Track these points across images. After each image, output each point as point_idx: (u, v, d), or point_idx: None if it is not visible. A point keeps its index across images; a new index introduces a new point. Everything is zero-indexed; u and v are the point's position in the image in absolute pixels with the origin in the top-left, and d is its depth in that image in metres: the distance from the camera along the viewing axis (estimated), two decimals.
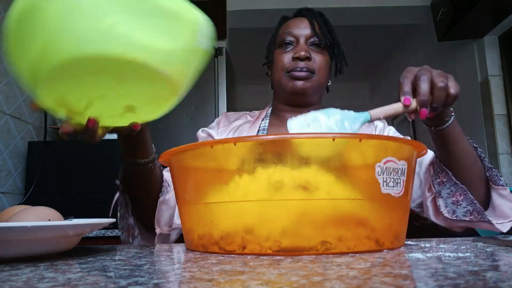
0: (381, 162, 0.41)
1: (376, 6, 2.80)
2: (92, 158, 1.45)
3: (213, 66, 2.22)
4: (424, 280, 0.25)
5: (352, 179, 0.41)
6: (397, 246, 0.45)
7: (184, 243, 0.53)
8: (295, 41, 0.86)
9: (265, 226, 0.40)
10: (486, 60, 2.41)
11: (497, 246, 0.45)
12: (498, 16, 2.20)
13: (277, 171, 0.40)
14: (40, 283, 0.27)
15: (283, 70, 0.85)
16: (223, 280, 0.26)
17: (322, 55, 0.86)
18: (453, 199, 0.69)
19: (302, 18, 0.88)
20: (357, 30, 3.47)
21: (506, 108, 2.35)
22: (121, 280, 0.27)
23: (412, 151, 0.46)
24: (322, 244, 0.39)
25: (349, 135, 0.42)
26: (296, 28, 0.87)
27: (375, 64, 4.39)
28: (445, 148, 0.67)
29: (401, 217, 0.45)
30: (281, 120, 0.92)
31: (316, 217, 0.39)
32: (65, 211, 0.60)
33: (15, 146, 1.49)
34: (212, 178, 0.44)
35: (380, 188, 0.41)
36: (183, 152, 0.46)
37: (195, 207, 0.45)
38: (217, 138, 0.86)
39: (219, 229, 0.42)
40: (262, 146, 0.41)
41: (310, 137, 0.41)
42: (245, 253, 0.41)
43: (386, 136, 0.44)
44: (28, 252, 0.40)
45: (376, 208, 0.41)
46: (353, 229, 0.40)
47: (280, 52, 0.87)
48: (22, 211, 0.47)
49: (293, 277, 0.27)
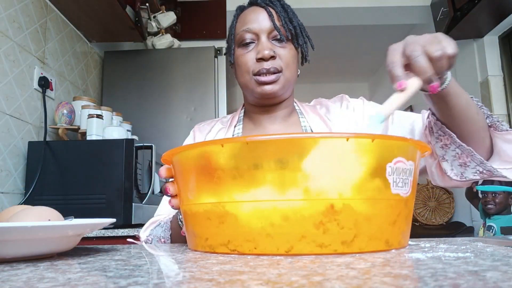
0: (392, 162, 0.41)
1: (376, 6, 2.80)
2: (92, 158, 1.45)
3: (213, 66, 2.22)
4: (424, 280, 0.25)
5: (364, 179, 0.40)
6: (403, 245, 0.45)
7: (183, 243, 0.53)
8: (256, 38, 0.79)
9: (276, 227, 0.39)
10: (486, 60, 2.41)
11: (497, 246, 0.45)
12: (498, 16, 2.20)
13: (287, 171, 0.39)
14: (40, 283, 0.27)
15: (248, 73, 0.79)
16: (223, 280, 0.26)
17: (288, 49, 0.80)
18: (459, 161, 0.65)
19: (259, 9, 0.81)
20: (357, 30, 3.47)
21: (506, 108, 2.35)
22: (121, 280, 0.27)
23: (417, 152, 0.46)
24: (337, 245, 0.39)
25: (362, 135, 0.41)
26: (254, 22, 0.79)
27: (375, 64, 4.39)
28: (448, 106, 0.62)
29: (407, 217, 0.45)
30: (255, 123, 0.88)
31: (330, 218, 0.39)
32: (65, 211, 0.60)
33: (15, 146, 1.49)
34: (218, 178, 0.43)
35: (391, 189, 0.41)
36: (186, 152, 0.46)
37: (198, 207, 0.45)
38: None
39: (225, 230, 0.42)
40: (273, 145, 0.40)
41: (324, 137, 0.40)
42: (254, 253, 0.40)
43: (397, 137, 0.44)
44: (28, 252, 0.40)
45: (385, 208, 0.41)
46: (364, 230, 0.40)
47: (241, 52, 0.80)
48: (22, 211, 0.47)
49: (293, 277, 0.27)
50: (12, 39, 1.50)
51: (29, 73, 1.59)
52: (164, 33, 2.37)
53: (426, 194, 3.18)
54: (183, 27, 2.66)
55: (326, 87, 4.89)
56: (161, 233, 0.76)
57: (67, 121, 1.68)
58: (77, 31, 2.04)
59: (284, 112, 0.87)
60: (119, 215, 1.39)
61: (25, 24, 1.58)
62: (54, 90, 1.76)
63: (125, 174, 1.42)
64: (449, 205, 3.09)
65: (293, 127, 0.86)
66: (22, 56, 1.55)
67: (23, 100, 1.54)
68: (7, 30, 1.47)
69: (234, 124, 0.90)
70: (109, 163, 1.43)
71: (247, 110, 0.91)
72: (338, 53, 4.07)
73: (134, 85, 2.20)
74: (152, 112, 2.17)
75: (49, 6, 1.77)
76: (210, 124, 0.93)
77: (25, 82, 1.56)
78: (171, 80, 2.20)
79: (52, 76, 1.75)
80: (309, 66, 0.89)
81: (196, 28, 2.65)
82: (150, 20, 2.31)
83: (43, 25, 1.72)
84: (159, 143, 1.84)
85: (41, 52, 1.69)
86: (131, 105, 2.17)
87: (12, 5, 1.50)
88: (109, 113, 1.75)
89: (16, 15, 1.52)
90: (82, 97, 1.81)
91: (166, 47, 2.34)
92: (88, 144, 1.52)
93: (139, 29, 2.08)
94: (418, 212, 3.15)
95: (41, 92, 1.65)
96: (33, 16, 1.64)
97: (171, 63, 2.22)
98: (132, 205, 1.42)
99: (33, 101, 1.61)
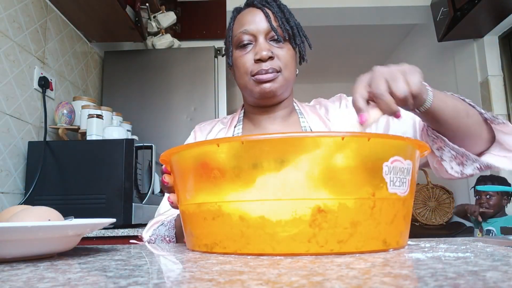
0: (389, 161, 0.41)
1: (376, 6, 2.80)
2: (92, 158, 1.45)
3: (213, 66, 2.22)
4: (424, 280, 0.25)
5: (360, 178, 0.40)
6: (402, 245, 0.45)
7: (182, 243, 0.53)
8: (253, 40, 0.80)
9: (271, 227, 0.39)
10: (486, 60, 2.41)
11: (497, 246, 0.45)
12: (498, 16, 2.20)
13: (282, 171, 0.39)
14: (40, 283, 0.27)
15: (247, 74, 0.80)
16: (223, 280, 0.26)
17: (286, 49, 0.80)
18: (456, 161, 0.67)
19: (256, 10, 0.81)
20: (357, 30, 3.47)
21: (506, 108, 2.35)
22: (121, 280, 0.27)
23: (415, 151, 0.46)
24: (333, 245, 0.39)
25: (358, 134, 0.41)
26: (251, 24, 0.80)
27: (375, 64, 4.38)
28: (434, 120, 0.63)
29: (405, 217, 0.45)
30: (255, 124, 0.89)
31: (326, 217, 0.39)
32: (65, 211, 0.60)
33: (15, 146, 1.49)
34: (215, 177, 0.43)
35: (387, 188, 0.41)
36: (183, 151, 0.46)
37: (195, 207, 0.45)
38: None
39: (221, 229, 0.42)
40: (269, 144, 0.40)
41: (320, 136, 0.40)
42: (249, 253, 0.40)
43: (393, 136, 0.44)
44: (28, 252, 0.40)
45: (382, 207, 0.41)
46: (361, 229, 0.40)
47: (239, 54, 0.81)
48: (22, 211, 0.47)
49: (293, 277, 0.27)
50: (12, 39, 1.50)
51: (29, 73, 1.59)
52: (164, 33, 2.37)
53: (426, 194, 3.18)
54: (183, 27, 2.66)
55: (326, 87, 4.89)
56: (165, 232, 0.76)
57: (67, 121, 1.68)
58: (77, 31, 2.04)
59: (283, 112, 0.87)
60: (119, 215, 1.39)
61: (25, 24, 1.58)
62: (54, 90, 1.76)
63: (125, 174, 1.42)
64: (449, 205, 3.09)
65: (293, 127, 0.86)
66: (22, 56, 1.55)
67: (23, 100, 1.54)
68: (7, 30, 1.47)
69: (234, 125, 0.90)
70: (109, 163, 1.43)
71: (246, 111, 0.91)
72: (338, 53, 4.08)
73: (134, 85, 2.20)
74: (152, 112, 2.17)
75: (49, 6, 1.77)
76: (211, 124, 0.93)
77: (25, 82, 1.56)
78: (171, 80, 2.20)
79: (52, 76, 1.75)
80: (309, 66, 0.89)
81: (196, 28, 2.65)
82: (150, 20, 2.31)
83: (43, 25, 1.72)
84: (159, 143, 1.84)
85: (41, 52, 1.69)
86: (131, 105, 2.17)
87: (12, 5, 1.50)
88: (109, 113, 1.75)
89: (16, 15, 1.52)
90: (82, 97, 1.81)
91: (166, 47, 2.34)
92: (88, 144, 1.52)
93: (139, 29, 2.08)
94: (418, 212, 3.15)
95: (41, 92, 1.65)
96: (33, 16, 1.64)
97: (171, 63, 2.22)
98: (132, 205, 1.42)
99: (33, 101, 1.61)
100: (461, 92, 2.68)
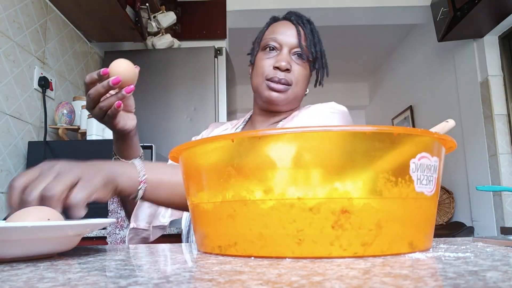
0: (416, 158, 0.38)
1: (376, 6, 2.80)
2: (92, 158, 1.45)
3: (213, 66, 2.22)
4: (424, 280, 0.25)
5: (386, 176, 0.37)
6: (427, 248, 0.42)
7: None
8: (279, 48, 0.85)
9: (288, 228, 0.36)
10: (486, 60, 2.41)
11: (497, 246, 0.45)
12: (498, 16, 2.20)
13: (301, 168, 0.36)
14: (40, 283, 0.27)
15: (262, 77, 0.85)
16: (223, 280, 0.26)
17: (303, 68, 0.86)
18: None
19: (290, 25, 0.87)
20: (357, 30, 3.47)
21: (506, 108, 2.35)
22: (121, 280, 0.27)
23: (442, 147, 0.43)
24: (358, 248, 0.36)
25: (386, 128, 0.37)
26: (282, 34, 0.86)
27: (375, 64, 4.39)
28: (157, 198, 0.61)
29: (431, 217, 0.42)
30: (255, 127, 0.92)
31: (350, 218, 0.36)
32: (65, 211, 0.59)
33: (15, 146, 1.49)
34: (229, 175, 0.39)
35: (414, 187, 0.38)
36: (196, 147, 0.42)
37: (212, 206, 0.41)
38: None
39: (239, 230, 0.39)
40: (287, 140, 0.37)
41: (341, 131, 0.37)
42: (267, 256, 0.37)
43: (422, 130, 0.40)
44: (28, 252, 0.39)
45: (409, 208, 0.38)
46: (386, 231, 0.37)
47: (262, 56, 0.87)
48: (22, 211, 0.47)
49: (293, 277, 0.27)
50: (12, 39, 1.50)
51: (29, 73, 1.59)
52: (164, 33, 2.37)
53: None
54: (183, 27, 2.66)
55: (326, 87, 4.87)
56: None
57: (67, 121, 1.68)
58: (77, 31, 2.04)
59: (283, 122, 0.90)
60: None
61: (25, 24, 1.58)
62: (54, 90, 1.76)
63: None
64: (449, 205, 3.09)
65: None
66: (22, 56, 1.55)
67: (23, 100, 1.54)
68: (7, 30, 1.47)
69: (238, 126, 0.94)
70: None
71: (253, 113, 0.95)
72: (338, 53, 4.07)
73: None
74: (152, 112, 2.17)
75: (49, 6, 1.77)
76: (223, 124, 1.00)
77: (25, 82, 1.56)
78: (171, 80, 2.20)
79: (52, 76, 1.75)
80: None
81: (196, 28, 2.65)
82: (150, 20, 2.31)
83: (43, 25, 1.72)
84: (159, 143, 1.84)
85: (41, 52, 1.69)
86: None
87: (12, 5, 1.50)
88: None
89: (16, 15, 1.52)
90: (82, 97, 1.81)
91: (166, 47, 2.34)
92: (88, 144, 1.52)
93: (139, 29, 2.08)
94: None
95: (41, 92, 1.65)
96: (33, 16, 1.64)
97: (171, 63, 2.22)
98: None
99: (33, 101, 1.61)
100: (461, 92, 2.68)
